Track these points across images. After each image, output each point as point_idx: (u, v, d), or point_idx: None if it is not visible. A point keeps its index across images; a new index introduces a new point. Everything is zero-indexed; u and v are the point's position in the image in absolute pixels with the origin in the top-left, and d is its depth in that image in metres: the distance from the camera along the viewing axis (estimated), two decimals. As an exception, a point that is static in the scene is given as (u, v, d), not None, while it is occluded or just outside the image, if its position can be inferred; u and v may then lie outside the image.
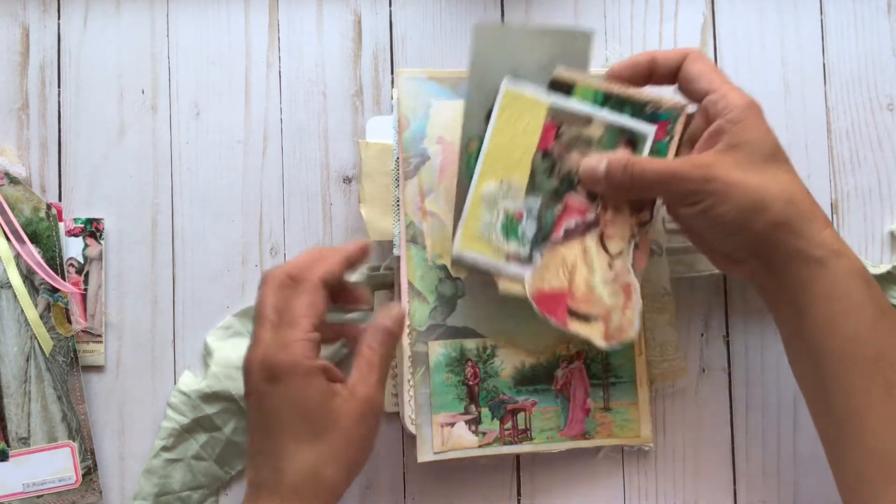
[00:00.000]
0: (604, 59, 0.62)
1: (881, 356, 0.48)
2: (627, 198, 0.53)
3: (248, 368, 0.49)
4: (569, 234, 0.53)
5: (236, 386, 0.58)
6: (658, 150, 0.53)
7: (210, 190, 0.60)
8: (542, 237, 0.53)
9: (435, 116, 0.57)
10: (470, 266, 0.54)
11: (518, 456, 0.60)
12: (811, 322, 0.49)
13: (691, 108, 0.53)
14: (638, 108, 0.53)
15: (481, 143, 0.53)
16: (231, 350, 0.58)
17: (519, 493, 0.60)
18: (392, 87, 0.61)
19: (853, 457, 0.49)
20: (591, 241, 0.53)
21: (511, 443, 0.58)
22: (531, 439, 0.58)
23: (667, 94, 0.53)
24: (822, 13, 0.63)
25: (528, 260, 0.53)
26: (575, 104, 0.53)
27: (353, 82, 0.61)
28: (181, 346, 0.60)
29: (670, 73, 0.53)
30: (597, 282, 0.53)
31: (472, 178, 0.53)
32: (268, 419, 0.48)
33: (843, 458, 0.50)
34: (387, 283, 0.59)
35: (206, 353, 0.59)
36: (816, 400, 0.51)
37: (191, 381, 0.59)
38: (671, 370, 0.60)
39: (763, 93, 0.62)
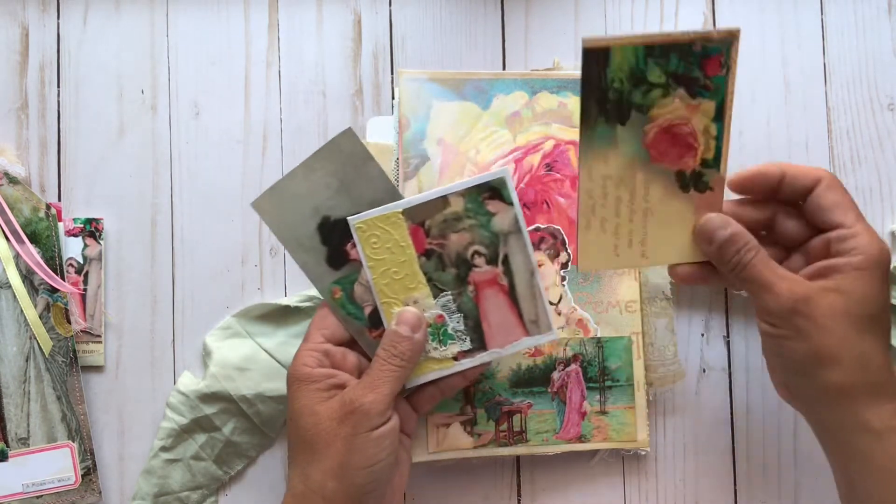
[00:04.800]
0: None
1: None
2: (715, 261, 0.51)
3: None
4: None
5: (235, 386, 0.58)
6: (717, 87, 0.48)
7: (210, 190, 0.60)
8: (473, 323, 0.53)
9: (436, 118, 0.58)
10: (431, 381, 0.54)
11: (518, 457, 0.60)
12: (863, 491, 0.48)
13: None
14: (685, 51, 0.47)
15: (343, 288, 0.53)
16: (230, 350, 0.58)
17: (519, 495, 0.60)
18: (393, 87, 0.61)
19: None
20: None
21: (506, 444, 0.58)
22: (526, 441, 0.58)
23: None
24: (822, 13, 0.63)
25: (475, 349, 0.53)
26: (424, 195, 0.52)
27: (353, 82, 0.61)
28: (180, 346, 0.60)
29: (799, 194, 0.51)
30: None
31: (360, 320, 0.53)
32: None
33: None
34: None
35: (206, 354, 0.59)
36: None
37: (190, 381, 0.59)
38: (669, 374, 0.60)
39: (763, 93, 0.62)
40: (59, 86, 0.60)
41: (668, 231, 0.51)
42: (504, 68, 0.62)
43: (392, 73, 0.61)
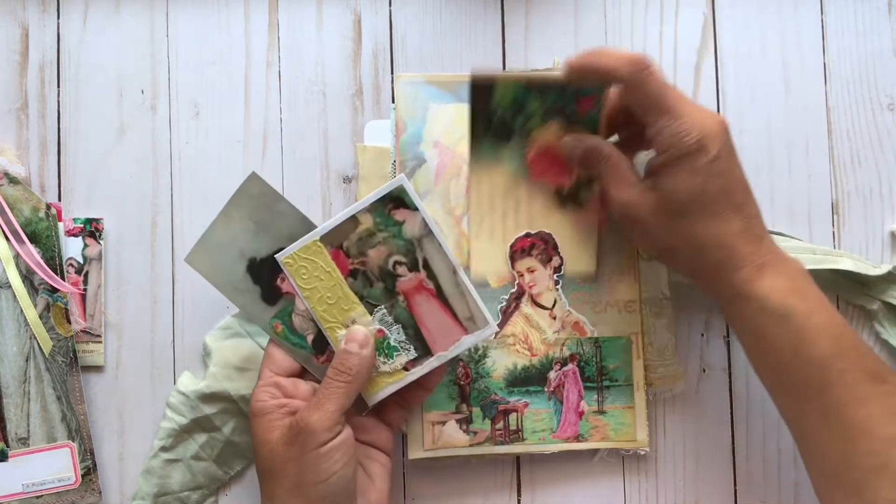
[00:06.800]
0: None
1: (805, 383, 0.50)
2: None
3: None
4: (506, 314, 0.58)
5: (235, 387, 0.58)
6: (590, 121, 0.55)
7: (210, 190, 0.60)
8: (413, 332, 0.54)
9: (432, 120, 0.58)
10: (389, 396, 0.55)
11: (518, 457, 0.60)
12: (744, 349, 0.54)
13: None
14: (561, 91, 0.54)
15: (283, 321, 0.54)
16: (230, 351, 0.59)
17: (519, 494, 0.60)
18: (392, 88, 0.61)
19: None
20: (527, 307, 0.58)
21: (502, 443, 0.58)
22: (522, 440, 0.58)
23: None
24: (822, 13, 0.63)
25: (421, 356, 0.54)
26: (333, 219, 0.53)
27: (353, 82, 0.61)
28: (180, 346, 0.60)
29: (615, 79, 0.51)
30: (549, 336, 0.59)
31: (305, 348, 0.54)
32: None
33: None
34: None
35: (206, 354, 0.59)
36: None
37: (190, 381, 0.59)
38: (669, 374, 0.60)
39: (763, 93, 0.62)
40: (59, 86, 0.60)
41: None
42: (504, 68, 0.62)
43: (392, 73, 0.61)
